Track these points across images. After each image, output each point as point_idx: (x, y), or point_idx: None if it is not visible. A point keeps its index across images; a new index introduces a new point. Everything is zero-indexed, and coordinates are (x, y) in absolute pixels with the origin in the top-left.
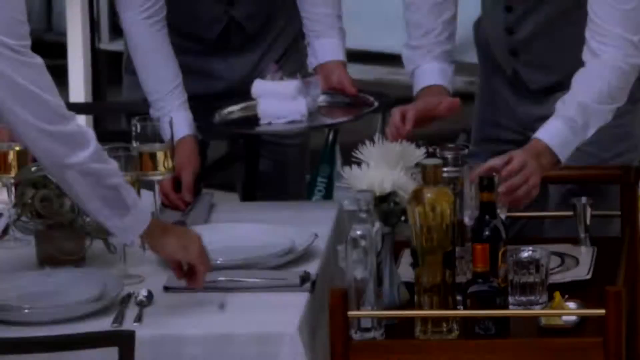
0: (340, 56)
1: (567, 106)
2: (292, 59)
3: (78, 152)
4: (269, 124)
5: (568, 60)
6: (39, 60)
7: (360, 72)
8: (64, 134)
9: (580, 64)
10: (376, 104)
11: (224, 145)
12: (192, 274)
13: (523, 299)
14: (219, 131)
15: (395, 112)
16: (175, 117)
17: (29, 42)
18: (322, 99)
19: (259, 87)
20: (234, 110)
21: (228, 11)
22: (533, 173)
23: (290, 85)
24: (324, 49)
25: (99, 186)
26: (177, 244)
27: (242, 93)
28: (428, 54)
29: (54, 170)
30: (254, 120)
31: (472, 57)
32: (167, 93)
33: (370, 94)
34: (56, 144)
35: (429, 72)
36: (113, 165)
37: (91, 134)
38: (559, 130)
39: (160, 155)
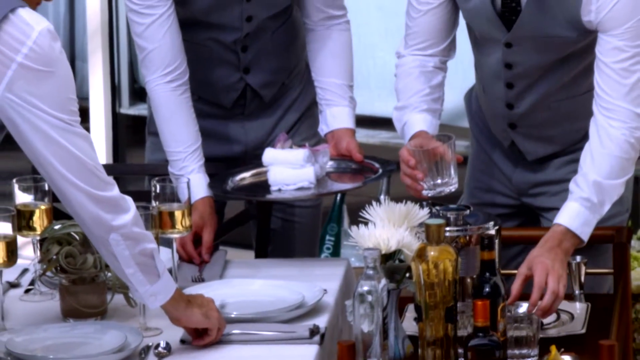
0: (350, 124)
1: (581, 187)
2: (306, 125)
3: (122, 215)
4: (279, 190)
5: (566, 131)
6: (86, 132)
7: (367, 136)
8: (109, 198)
9: (577, 135)
10: (381, 170)
11: (239, 204)
12: (206, 334)
13: (516, 352)
14: (232, 197)
15: (404, 167)
16: (194, 179)
17: (78, 118)
18: (330, 164)
19: (269, 155)
20: (245, 176)
21: (244, 79)
22: (559, 278)
23: (299, 153)
24: (334, 117)
25: (138, 250)
26: (201, 314)
27: (258, 157)
28: (414, 110)
29: (99, 233)
30: (264, 186)
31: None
32: (187, 155)
33: (375, 160)
34: (103, 209)
35: (415, 122)
36: (148, 232)
37: (130, 199)
38: (578, 213)
39: (178, 214)
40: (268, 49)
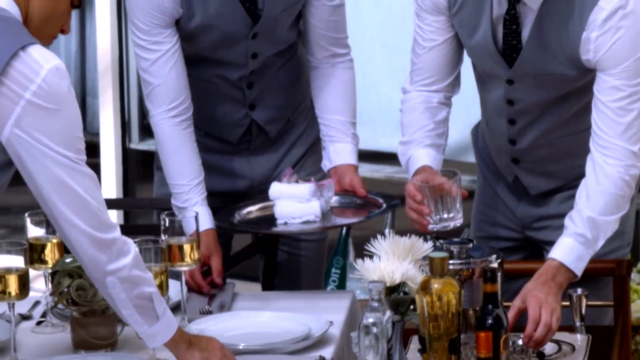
0: (353, 160)
1: (576, 223)
2: (311, 160)
3: (121, 259)
4: (285, 223)
5: (568, 167)
6: (91, 172)
7: (372, 171)
8: (109, 241)
9: (578, 170)
10: (384, 205)
11: (246, 237)
12: None
13: None
14: (239, 230)
15: (410, 201)
16: (199, 211)
17: (85, 157)
18: (335, 200)
19: (276, 189)
20: (252, 210)
21: (250, 115)
22: (552, 312)
23: (305, 188)
24: (337, 153)
25: (135, 294)
26: (201, 358)
27: (264, 191)
28: (418, 145)
29: (96, 274)
30: (271, 219)
31: (473, 157)
32: (190, 188)
33: (379, 195)
34: (101, 251)
35: (419, 157)
36: (149, 275)
37: (131, 242)
38: (572, 248)
39: (187, 248)
40: (273, 85)
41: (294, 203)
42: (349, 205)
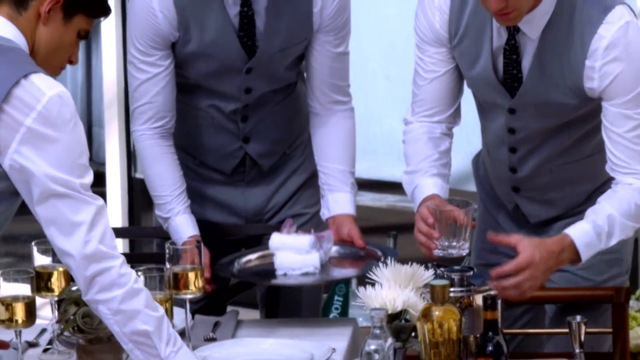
0: (351, 210)
1: (597, 215)
2: (307, 194)
3: (113, 290)
4: (285, 275)
5: (567, 195)
6: (93, 200)
7: (374, 199)
8: (104, 273)
9: (578, 198)
10: (383, 258)
11: None
12: None
13: None
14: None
15: (420, 225)
16: (181, 220)
17: (87, 182)
18: (333, 250)
19: (276, 240)
20: (251, 259)
21: (243, 148)
22: (530, 279)
23: (305, 239)
24: (336, 202)
25: (129, 329)
26: None
27: (258, 222)
28: (424, 174)
29: (90, 299)
30: (270, 269)
31: (474, 186)
32: (173, 198)
33: (376, 247)
34: (95, 281)
35: (427, 186)
36: (145, 310)
37: (132, 274)
38: (587, 233)
39: (191, 276)
40: (269, 120)
41: (294, 254)
42: (347, 256)
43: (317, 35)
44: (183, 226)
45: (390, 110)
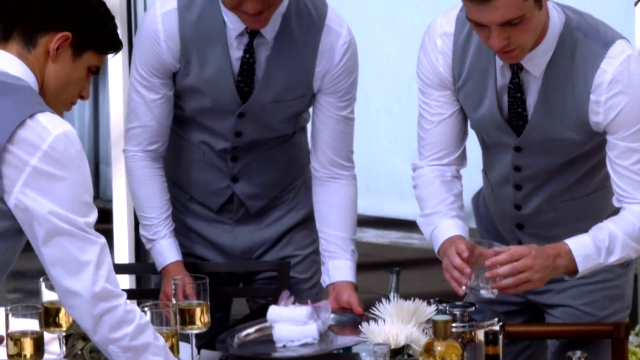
0: (351, 277)
1: (599, 230)
2: (299, 236)
3: (123, 328)
4: (284, 346)
5: (571, 232)
6: (96, 239)
7: (377, 236)
8: (112, 311)
9: (582, 233)
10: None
11: (245, 306)
12: None
13: None
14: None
15: (454, 259)
16: (166, 244)
17: (92, 221)
18: (333, 317)
19: (273, 312)
20: (250, 332)
21: (231, 187)
22: (525, 268)
23: (302, 311)
24: (336, 269)
25: None
26: None
27: (247, 259)
28: (444, 216)
29: (99, 340)
30: (269, 341)
31: (473, 223)
32: (160, 221)
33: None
34: (103, 320)
35: (448, 227)
36: (153, 342)
37: (137, 310)
38: (585, 245)
39: (197, 312)
40: (259, 163)
41: (292, 326)
42: (347, 323)
43: (320, 95)
44: (167, 250)
45: (393, 148)
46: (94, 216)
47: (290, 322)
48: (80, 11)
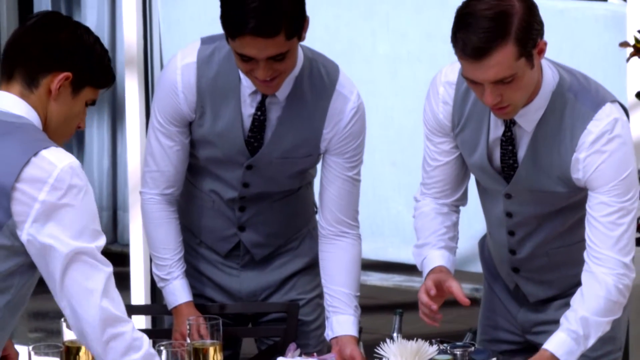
0: (354, 332)
1: (570, 321)
2: (303, 281)
3: (130, 354)
4: None
5: (563, 276)
6: (109, 268)
7: (381, 279)
8: (119, 338)
9: (573, 279)
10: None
11: (253, 346)
12: None
13: None
14: None
15: (421, 296)
16: (178, 285)
17: (101, 245)
18: None
19: None
20: None
21: (238, 234)
22: None
23: None
24: (340, 324)
25: None
26: None
27: (253, 301)
28: (433, 247)
29: None
30: None
31: (477, 267)
32: (173, 262)
33: None
34: (111, 346)
35: (434, 258)
36: None
37: (145, 338)
38: (564, 342)
39: (211, 350)
40: (266, 214)
41: None
42: None
43: (328, 156)
44: (179, 290)
45: (397, 196)
46: (102, 240)
47: None
48: (79, 52)
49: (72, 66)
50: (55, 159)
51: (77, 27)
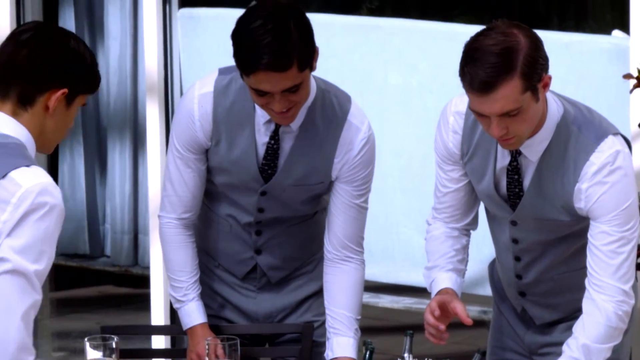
0: (352, 354)
1: (572, 349)
2: (318, 303)
3: None
4: None
5: (568, 300)
6: (39, 297)
7: (392, 302)
8: None
9: (578, 303)
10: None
11: None
12: None
13: None
14: None
15: (427, 316)
16: (193, 307)
17: (42, 270)
18: None
19: None
20: None
21: (255, 258)
22: None
23: None
24: (339, 345)
25: None
26: None
27: (268, 323)
28: (442, 269)
29: None
30: None
31: (485, 290)
32: (189, 285)
33: None
34: None
35: (442, 280)
36: None
37: None
38: None
39: None
40: (281, 239)
41: None
42: None
43: (337, 183)
44: (194, 312)
45: (407, 221)
46: (44, 264)
47: None
48: (73, 66)
49: (68, 81)
50: (22, 180)
51: (67, 37)
